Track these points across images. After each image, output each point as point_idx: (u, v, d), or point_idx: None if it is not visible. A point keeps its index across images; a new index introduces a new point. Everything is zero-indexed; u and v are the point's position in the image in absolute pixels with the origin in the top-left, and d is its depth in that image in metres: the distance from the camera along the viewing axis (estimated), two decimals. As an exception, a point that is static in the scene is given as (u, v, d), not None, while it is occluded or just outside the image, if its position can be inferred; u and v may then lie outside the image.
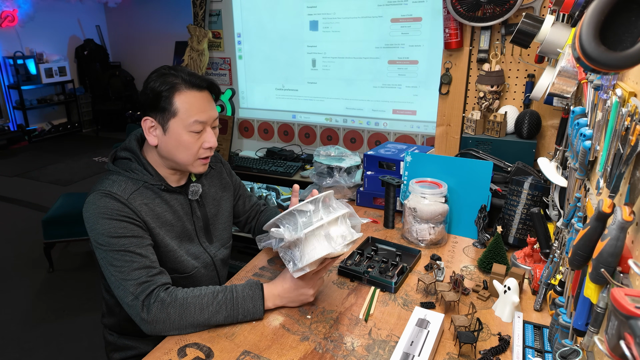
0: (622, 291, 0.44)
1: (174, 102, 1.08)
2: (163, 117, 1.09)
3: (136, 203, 1.08)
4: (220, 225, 1.33)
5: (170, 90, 1.08)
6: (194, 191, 1.22)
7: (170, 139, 1.11)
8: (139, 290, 1.02)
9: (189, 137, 1.11)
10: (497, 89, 1.78)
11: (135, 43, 7.23)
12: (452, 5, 1.75)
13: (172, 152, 1.12)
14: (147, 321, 1.00)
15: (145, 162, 1.15)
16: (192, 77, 1.11)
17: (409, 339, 0.93)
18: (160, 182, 1.15)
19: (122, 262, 1.03)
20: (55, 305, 2.66)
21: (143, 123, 1.11)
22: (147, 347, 1.21)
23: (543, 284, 1.07)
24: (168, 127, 1.10)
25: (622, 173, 0.57)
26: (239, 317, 1.05)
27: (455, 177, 1.49)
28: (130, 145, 1.17)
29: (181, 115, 1.09)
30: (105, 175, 1.13)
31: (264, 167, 2.69)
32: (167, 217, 1.15)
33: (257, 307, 1.06)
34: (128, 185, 1.10)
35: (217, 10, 2.98)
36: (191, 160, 1.14)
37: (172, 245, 1.16)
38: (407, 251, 1.39)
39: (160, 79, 1.09)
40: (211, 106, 1.14)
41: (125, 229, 1.05)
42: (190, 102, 1.09)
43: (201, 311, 1.02)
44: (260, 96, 3.16)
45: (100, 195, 1.06)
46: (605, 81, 0.74)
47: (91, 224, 1.06)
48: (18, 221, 3.87)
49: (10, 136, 6.21)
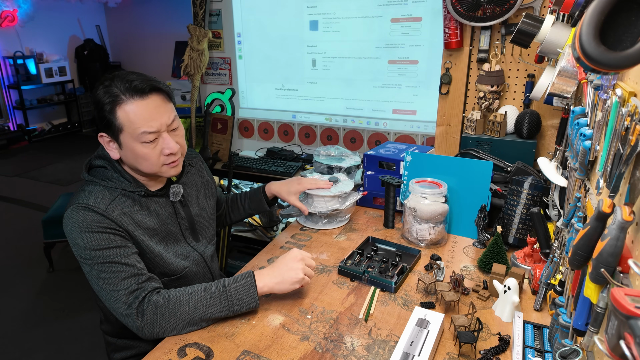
0: (622, 291, 0.44)
1: (117, 117, 1.03)
2: (113, 133, 1.06)
3: (115, 213, 1.06)
4: (205, 223, 1.32)
5: (111, 104, 1.02)
6: (175, 192, 1.20)
7: (127, 152, 1.07)
8: (131, 298, 1.01)
9: (144, 149, 1.06)
10: (497, 88, 1.78)
11: (135, 43, 7.23)
12: (452, 5, 1.75)
13: (135, 165, 1.10)
14: (143, 327, 1.00)
15: (122, 170, 1.12)
16: (132, 83, 1.03)
17: (409, 339, 0.93)
18: (139, 189, 1.12)
19: (109, 273, 1.02)
20: (55, 305, 2.66)
21: (100, 139, 1.09)
22: (147, 346, 1.20)
23: (543, 284, 1.07)
24: (121, 142, 1.06)
25: (622, 173, 0.57)
26: (235, 308, 1.04)
27: (455, 177, 1.49)
28: (104, 153, 1.13)
29: (127, 129, 1.04)
30: (81, 187, 1.11)
31: (264, 167, 2.69)
32: (148, 223, 1.13)
33: (252, 295, 1.04)
34: (105, 195, 1.07)
35: (217, 10, 2.98)
36: (156, 169, 1.11)
37: (158, 250, 1.14)
38: (407, 251, 1.39)
39: (102, 90, 1.04)
40: (160, 111, 1.06)
41: (107, 240, 1.03)
42: (133, 113, 1.03)
43: (195, 306, 1.01)
44: (260, 96, 3.16)
45: (78, 208, 1.04)
46: (605, 81, 0.74)
47: (73, 239, 1.04)
48: (18, 221, 3.87)
49: (10, 136, 6.22)
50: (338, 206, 1.55)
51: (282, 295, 1.16)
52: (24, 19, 6.26)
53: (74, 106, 7.06)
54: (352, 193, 1.61)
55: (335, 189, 1.56)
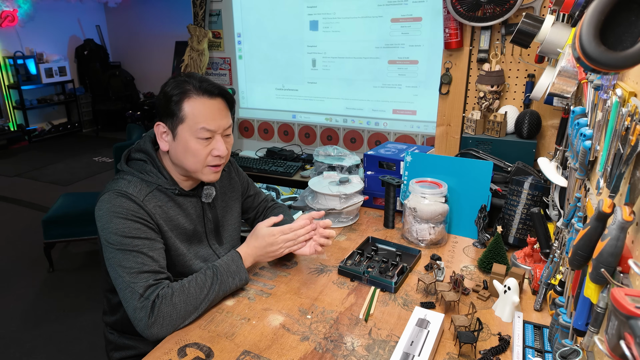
0: (622, 291, 0.44)
1: (182, 108, 1.09)
2: (172, 123, 1.10)
3: (150, 205, 1.09)
4: (230, 227, 1.33)
5: (180, 95, 1.09)
6: (207, 194, 1.23)
7: (179, 145, 1.11)
8: (148, 292, 1.02)
9: (196, 144, 1.10)
10: (497, 89, 1.78)
11: (135, 43, 7.23)
12: (452, 5, 1.75)
13: (181, 159, 1.13)
14: (152, 323, 1.00)
15: (161, 165, 1.15)
16: (204, 83, 1.11)
17: (409, 339, 0.93)
18: (174, 187, 1.15)
19: (133, 262, 1.03)
20: (55, 305, 2.66)
21: (156, 128, 1.12)
22: (146, 347, 1.21)
23: (543, 284, 1.07)
24: (177, 133, 1.11)
25: (622, 173, 0.57)
26: (229, 282, 1.11)
27: (456, 177, 1.49)
28: (145, 147, 1.17)
29: (189, 122, 1.09)
30: (119, 175, 1.14)
31: (264, 167, 2.69)
32: (179, 221, 1.16)
33: (239, 266, 1.14)
34: (143, 187, 1.10)
35: (217, 10, 2.98)
36: (199, 168, 1.14)
37: (182, 249, 1.16)
38: (407, 251, 1.39)
39: (174, 84, 1.11)
40: (222, 115, 1.13)
41: (138, 230, 1.05)
42: (198, 108, 1.09)
43: (200, 289, 1.06)
44: (260, 96, 3.16)
45: (115, 194, 1.06)
46: (605, 81, 0.74)
47: (104, 222, 1.05)
48: (18, 221, 3.87)
49: (10, 136, 6.22)
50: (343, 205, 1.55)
51: (282, 296, 1.17)
52: (24, 19, 6.26)
53: (74, 106, 7.06)
54: (356, 195, 1.61)
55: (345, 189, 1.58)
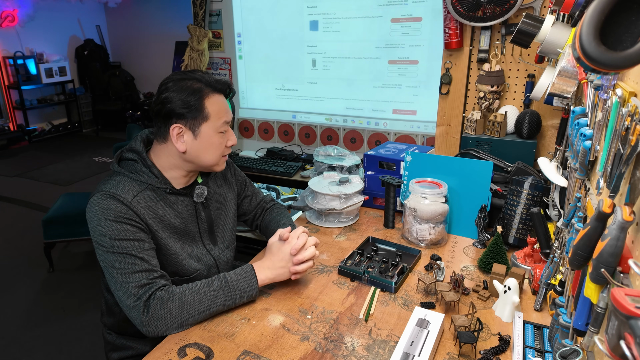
0: (622, 291, 0.44)
1: (205, 107, 1.12)
2: (194, 122, 1.12)
3: (139, 206, 1.08)
4: (224, 227, 1.33)
5: (198, 95, 1.11)
6: (199, 194, 1.23)
7: (202, 141, 1.14)
8: (141, 292, 1.02)
9: (219, 138, 1.16)
10: (497, 89, 1.78)
11: (135, 43, 7.23)
12: (452, 5, 1.75)
13: (201, 155, 1.15)
14: (148, 322, 1.00)
15: (151, 165, 1.15)
16: (212, 79, 1.15)
17: (409, 339, 0.93)
18: (165, 185, 1.15)
19: (124, 264, 1.03)
20: (55, 305, 2.66)
21: (171, 131, 1.12)
22: (145, 347, 1.22)
23: (543, 284, 1.07)
24: (199, 131, 1.13)
25: (622, 173, 0.57)
26: (237, 299, 1.09)
27: (456, 177, 1.49)
28: (136, 147, 1.17)
29: (212, 118, 1.13)
30: (109, 176, 1.14)
31: (264, 167, 2.69)
32: (170, 220, 1.15)
33: (252, 285, 1.11)
34: (132, 187, 1.10)
35: (217, 10, 2.98)
36: (218, 159, 1.19)
37: (175, 248, 1.16)
38: (407, 251, 1.39)
39: (180, 85, 1.11)
40: (228, 108, 1.20)
41: (127, 232, 1.05)
42: (218, 104, 1.15)
43: (200, 300, 1.05)
44: (260, 96, 3.16)
45: (104, 196, 1.06)
46: (605, 81, 0.74)
47: (94, 225, 1.06)
48: (18, 221, 3.87)
49: (10, 136, 6.21)
50: (343, 205, 1.55)
51: (282, 296, 1.17)
52: (24, 19, 6.26)
53: (74, 106, 7.06)
54: (356, 195, 1.61)
55: (345, 189, 1.59)
